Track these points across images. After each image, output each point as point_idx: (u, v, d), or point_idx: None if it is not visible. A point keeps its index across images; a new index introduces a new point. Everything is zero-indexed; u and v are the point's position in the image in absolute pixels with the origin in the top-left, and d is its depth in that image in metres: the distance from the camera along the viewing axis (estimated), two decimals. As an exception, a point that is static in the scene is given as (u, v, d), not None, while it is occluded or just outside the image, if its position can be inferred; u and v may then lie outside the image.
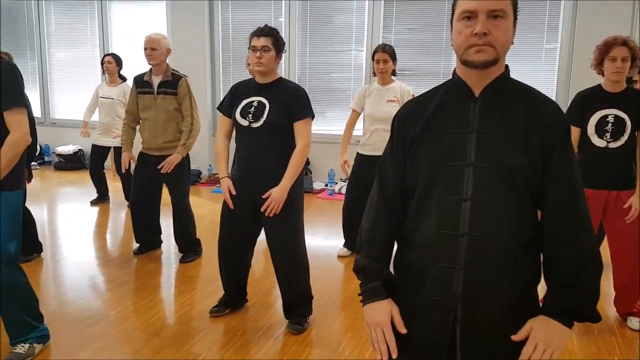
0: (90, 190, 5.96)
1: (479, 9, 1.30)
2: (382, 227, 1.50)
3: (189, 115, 3.84)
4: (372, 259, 1.49)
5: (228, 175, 2.90)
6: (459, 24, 1.34)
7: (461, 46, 1.34)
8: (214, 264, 4.00)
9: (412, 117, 1.46)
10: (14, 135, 2.37)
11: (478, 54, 1.32)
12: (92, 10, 7.35)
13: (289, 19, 6.62)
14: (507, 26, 1.32)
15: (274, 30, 2.86)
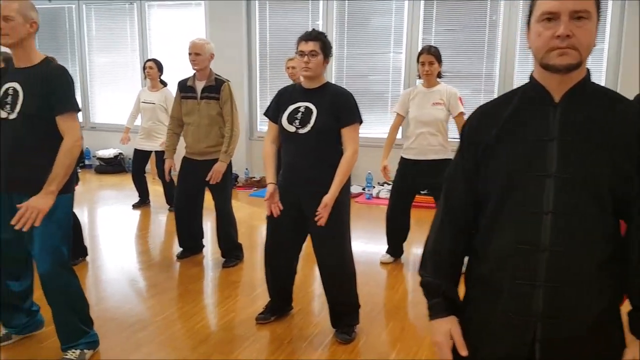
0: (131, 193, 6.03)
1: (562, 10, 1.22)
2: (447, 242, 1.44)
3: (229, 121, 3.83)
4: (434, 275, 1.45)
5: (274, 182, 2.85)
6: (538, 26, 1.27)
7: (541, 49, 1.27)
8: (255, 269, 4.01)
9: (485, 124, 1.38)
10: (68, 141, 2.39)
11: (560, 57, 1.24)
12: (132, 15, 7.46)
13: (326, 21, 6.58)
14: (590, 27, 1.24)
15: (321, 35, 2.82)
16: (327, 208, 2.67)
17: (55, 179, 2.34)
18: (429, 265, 1.47)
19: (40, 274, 2.48)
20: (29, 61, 2.45)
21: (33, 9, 2.44)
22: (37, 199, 2.31)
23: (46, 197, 2.31)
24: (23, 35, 2.39)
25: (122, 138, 5.63)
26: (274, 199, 2.81)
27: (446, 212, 1.45)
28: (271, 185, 2.84)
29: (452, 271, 1.46)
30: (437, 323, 1.40)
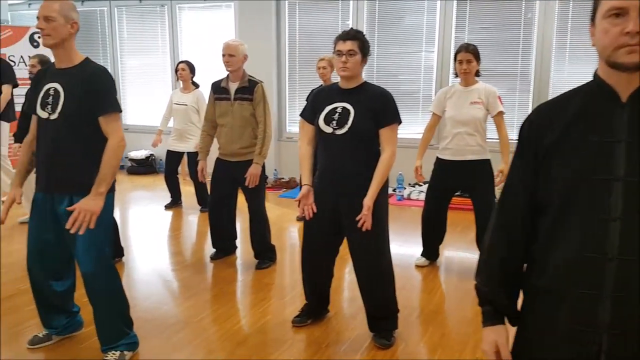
0: (162, 194, 6.08)
1: (631, 5, 1.15)
2: (500, 249, 1.38)
3: (262, 122, 3.81)
4: (485, 283, 1.40)
5: (309, 184, 2.81)
6: (604, 22, 1.20)
7: (608, 47, 1.20)
8: (288, 271, 3.99)
9: (545, 124, 1.31)
10: (113, 142, 2.40)
11: (630, 55, 1.17)
12: (163, 17, 7.53)
13: (356, 21, 6.52)
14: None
15: (360, 34, 2.77)
16: (369, 211, 2.61)
17: (104, 179, 2.37)
18: (482, 272, 1.43)
19: (84, 273, 2.50)
20: (70, 62, 2.46)
21: (74, 10, 2.45)
22: (87, 201, 2.33)
23: (97, 199, 2.34)
24: (64, 35, 2.40)
25: (154, 140, 5.67)
26: (308, 200, 2.76)
27: (501, 218, 1.39)
28: (306, 186, 2.79)
29: (504, 279, 1.40)
30: (486, 331, 1.38)
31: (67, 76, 2.44)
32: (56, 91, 2.43)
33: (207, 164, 4.07)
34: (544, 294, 1.31)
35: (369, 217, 2.60)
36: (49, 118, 2.43)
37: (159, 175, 7.39)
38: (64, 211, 2.45)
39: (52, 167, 2.46)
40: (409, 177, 5.63)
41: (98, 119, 2.42)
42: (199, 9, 7.34)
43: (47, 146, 2.46)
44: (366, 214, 2.61)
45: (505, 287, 1.40)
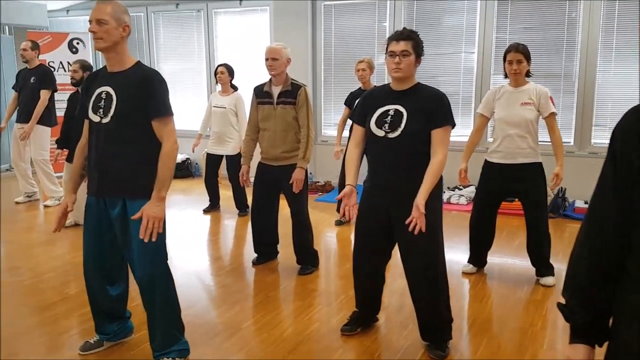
0: (200, 198, 6.08)
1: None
2: (585, 265, 1.27)
3: (305, 126, 3.75)
4: (569, 297, 1.30)
5: (353, 185, 2.70)
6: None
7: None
8: (332, 277, 3.91)
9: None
10: (167, 145, 2.39)
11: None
12: (199, 22, 7.56)
13: (393, 22, 6.43)
14: None
15: (414, 34, 2.69)
16: (420, 213, 2.48)
17: (163, 184, 2.36)
18: (569, 288, 1.32)
19: (139, 278, 2.49)
20: (122, 65, 2.44)
21: (126, 13, 2.43)
22: (152, 207, 2.32)
23: (160, 204, 2.34)
24: (116, 39, 2.38)
25: (194, 144, 5.67)
26: (350, 201, 2.63)
27: (590, 230, 1.28)
28: (349, 186, 2.68)
29: (593, 294, 1.29)
30: (570, 349, 1.28)
31: (119, 80, 2.43)
32: (108, 95, 2.42)
33: (249, 169, 4.01)
34: (637, 313, 1.21)
35: (421, 219, 2.47)
36: (101, 121, 2.42)
37: (196, 180, 7.42)
38: (117, 215, 2.44)
39: (104, 170, 2.45)
40: (449, 180, 5.50)
41: (151, 122, 2.40)
42: (235, 13, 7.35)
43: (98, 150, 2.44)
44: (417, 215, 2.48)
45: (591, 305, 1.29)
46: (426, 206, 2.53)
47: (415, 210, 2.48)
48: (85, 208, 2.57)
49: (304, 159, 3.72)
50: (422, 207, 2.48)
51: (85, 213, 2.57)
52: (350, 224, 5.27)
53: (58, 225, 2.56)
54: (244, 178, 3.98)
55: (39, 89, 5.65)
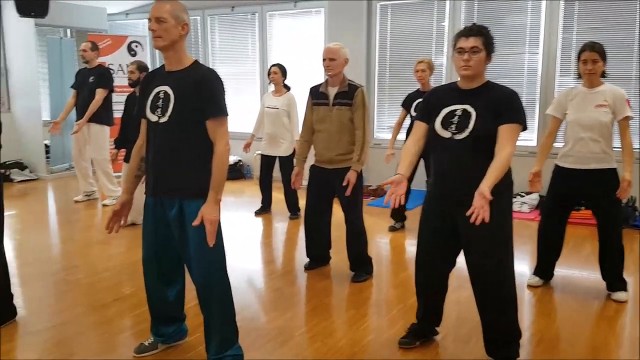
0: (251, 200, 6.07)
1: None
2: None
3: (361, 128, 3.63)
4: None
5: (404, 174, 2.47)
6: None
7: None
8: (386, 286, 3.77)
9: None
10: (220, 146, 2.34)
11: None
12: (253, 25, 7.58)
13: (452, 22, 6.22)
14: None
15: (484, 29, 2.52)
16: (484, 200, 2.21)
17: (219, 186, 2.32)
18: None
19: (195, 280, 2.45)
20: (180, 64, 2.41)
21: (184, 11, 2.39)
22: (210, 210, 2.29)
23: (217, 206, 2.31)
24: (175, 37, 2.35)
25: (245, 144, 5.63)
26: (398, 190, 2.40)
27: None
28: (399, 175, 2.45)
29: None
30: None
31: (177, 79, 2.39)
32: (166, 94, 2.38)
33: (303, 171, 3.92)
34: None
35: (485, 208, 2.19)
36: (158, 121, 2.39)
37: (247, 181, 7.43)
38: (174, 216, 2.41)
39: (161, 171, 2.42)
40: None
41: (206, 122, 2.34)
42: (289, 15, 7.33)
43: (156, 150, 2.42)
44: (479, 204, 2.19)
45: None
46: (495, 207, 2.31)
47: (478, 198, 2.22)
48: (144, 209, 2.55)
49: (358, 162, 3.60)
50: (487, 192, 2.22)
51: (144, 214, 2.55)
52: (404, 230, 5.10)
53: (108, 225, 2.54)
54: (295, 180, 3.89)
55: (96, 88, 5.78)
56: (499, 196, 2.40)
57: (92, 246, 4.61)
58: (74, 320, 3.16)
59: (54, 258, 4.33)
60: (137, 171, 2.59)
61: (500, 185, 2.35)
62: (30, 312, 3.28)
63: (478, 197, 2.23)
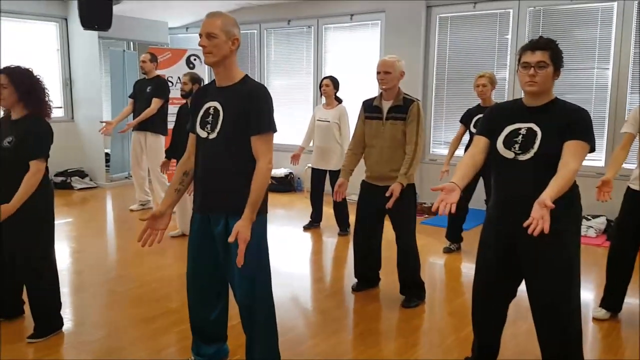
0: (301, 214, 5.98)
1: None
2: None
3: (413, 142, 3.45)
4: None
5: (457, 184, 2.27)
6: None
7: None
8: (439, 313, 3.55)
9: None
10: (262, 164, 2.28)
11: None
12: (309, 38, 7.55)
13: (516, 35, 5.95)
14: None
15: (552, 43, 2.32)
16: (544, 210, 1.99)
17: (256, 203, 2.25)
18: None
19: (239, 300, 2.39)
20: (230, 79, 2.36)
21: (235, 25, 2.34)
22: (244, 229, 2.21)
23: (250, 225, 2.23)
24: (225, 52, 2.30)
25: (293, 155, 5.55)
26: (450, 197, 2.20)
27: None
28: (453, 184, 2.26)
29: None
30: None
31: (226, 94, 2.35)
32: (216, 110, 2.34)
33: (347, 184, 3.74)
34: None
35: (546, 219, 1.96)
36: (207, 137, 2.35)
37: (297, 194, 7.36)
38: (219, 232, 2.36)
39: (209, 187, 2.38)
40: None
41: (251, 137, 2.28)
42: (345, 29, 7.25)
43: (204, 166, 2.38)
44: (539, 214, 1.97)
45: None
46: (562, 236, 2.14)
47: (538, 208, 2.00)
48: (190, 224, 2.50)
49: (405, 175, 3.40)
50: (548, 201, 2.00)
51: (190, 228, 2.51)
52: (460, 252, 4.86)
53: (141, 237, 2.42)
54: (338, 191, 3.70)
55: (152, 97, 5.89)
56: (567, 224, 2.24)
57: (143, 256, 4.64)
58: (118, 333, 3.14)
59: (104, 267, 4.38)
60: (178, 185, 2.53)
61: (567, 213, 2.19)
62: (77, 323, 3.30)
63: (537, 207, 2.02)
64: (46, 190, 2.99)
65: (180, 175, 2.52)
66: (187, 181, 2.51)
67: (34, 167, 2.83)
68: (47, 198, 3.00)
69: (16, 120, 2.94)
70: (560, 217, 2.14)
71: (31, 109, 2.93)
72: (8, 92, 2.87)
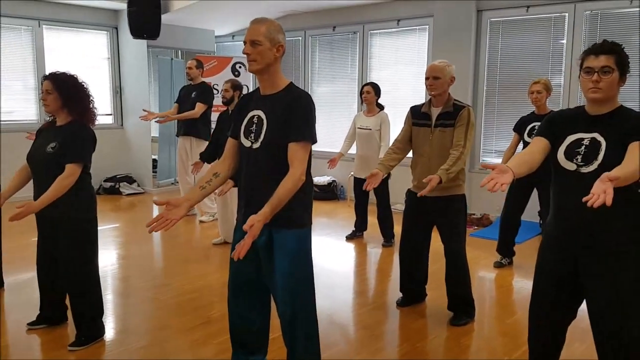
0: (343, 223, 5.87)
1: None
2: None
3: (460, 145, 3.25)
4: None
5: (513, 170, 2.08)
6: None
7: None
8: (490, 332, 3.34)
9: None
10: (295, 171, 2.16)
11: None
12: (354, 45, 7.45)
13: (572, 39, 5.66)
14: None
15: (617, 46, 2.13)
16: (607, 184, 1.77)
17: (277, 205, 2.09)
18: None
19: (281, 312, 2.32)
20: (275, 87, 2.29)
21: (280, 31, 2.26)
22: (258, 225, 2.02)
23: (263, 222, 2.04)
24: (270, 60, 2.23)
25: (330, 160, 5.41)
26: (501, 178, 1.96)
27: None
28: (505, 166, 2.02)
29: None
30: None
31: (270, 103, 2.27)
32: (260, 119, 2.27)
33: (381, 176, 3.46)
34: None
35: (609, 192, 1.75)
36: (251, 147, 2.28)
37: (340, 202, 7.25)
38: (262, 244, 2.29)
39: (251, 197, 2.30)
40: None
41: (288, 144, 2.18)
42: (392, 34, 7.11)
43: (248, 176, 2.31)
44: (600, 189, 1.77)
45: None
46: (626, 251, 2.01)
47: (599, 184, 1.80)
48: (234, 231, 2.45)
49: (446, 171, 3.15)
50: (612, 174, 1.81)
51: (233, 239, 2.45)
52: (512, 267, 4.62)
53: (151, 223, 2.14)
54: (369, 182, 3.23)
55: (196, 102, 5.93)
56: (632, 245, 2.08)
57: (186, 264, 4.63)
58: (159, 343, 3.11)
59: (149, 274, 4.39)
60: (205, 183, 2.38)
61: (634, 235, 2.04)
62: (119, 330, 3.30)
63: (599, 182, 1.82)
64: (89, 199, 2.99)
65: (210, 175, 2.40)
66: (215, 182, 2.39)
67: (68, 170, 2.81)
68: (90, 206, 3.00)
69: (60, 126, 2.96)
70: (626, 238, 2.04)
71: (75, 115, 2.95)
72: (52, 98, 2.89)
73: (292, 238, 2.28)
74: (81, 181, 2.90)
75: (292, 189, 2.15)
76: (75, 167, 2.83)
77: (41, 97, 2.95)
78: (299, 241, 2.29)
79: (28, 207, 2.67)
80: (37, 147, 2.96)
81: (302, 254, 2.32)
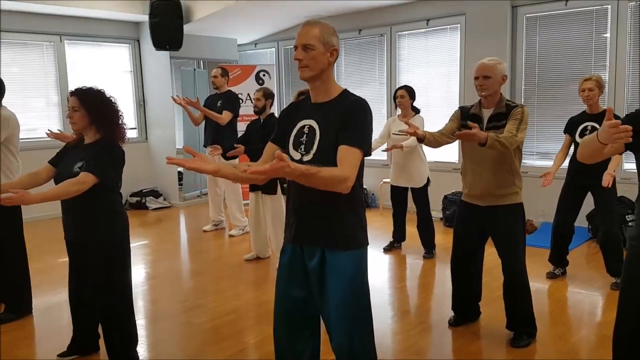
0: (379, 233, 5.60)
1: None
2: None
3: (512, 135, 2.95)
4: None
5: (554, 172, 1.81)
6: None
7: None
8: (554, 353, 3.04)
9: None
10: (344, 173, 1.89)
11: None
12: (381, 47, 7.20)
13: (616, 33, 5.33)
14: None
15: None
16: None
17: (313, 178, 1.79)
18: None
19: (335, 345, 2.08)
20: (328, 95, 2.07)
21: (334, 34, 2.05)
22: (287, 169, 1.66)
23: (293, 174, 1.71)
24: (323, 65, 2.02)
25: None
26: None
27: None
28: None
29: None
30: None
31: (323, 111, 2.05)
32: (311, 129, 2.04)
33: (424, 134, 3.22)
34: None
35: None
36: (302, 159, 2.04)
37: (372, 211, 6.97)
38: (314, 267, 2.07)
39: (304, 216, 2.09)
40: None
41: (339, 146, 1.94)
42: (421, 35, 6.84)
43: (298, 192, 2.08)
44: None
45: None
46: None
47: None
48: (280, 255, 2.22)
49: (494, 138, 2.85)
50: None
51: (279, 260, 2.22)
52: (565, 278, 4.29)
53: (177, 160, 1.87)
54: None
55: (223, 110, 5.75)
56: None
57: (219, 282, 4.42)
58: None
59: (179, 295, 4.18)
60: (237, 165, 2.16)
61: None
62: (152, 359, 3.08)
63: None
64: (122, 222, 2.79)
65: (246, 166, 2.11)
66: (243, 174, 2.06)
67: (81, 177, 2.57)
68: (123, 229, 2.80)
69: (88, 144, 2.76)
70: None
71: (104, 133, 2.75)
72: (79, 116, 2.69)
73: (348, 260, 2.05)
74: (111, 203, 2.71)
75: (333, 181, 1.87)
76: (89, 176, 2.58)
77: (67, 114, 2.76)
78: (356, 263, 2.07)
79: (22, 196, 2.36)
80: (64, 166, 2.77)
81: (358, 278, 2.09)
